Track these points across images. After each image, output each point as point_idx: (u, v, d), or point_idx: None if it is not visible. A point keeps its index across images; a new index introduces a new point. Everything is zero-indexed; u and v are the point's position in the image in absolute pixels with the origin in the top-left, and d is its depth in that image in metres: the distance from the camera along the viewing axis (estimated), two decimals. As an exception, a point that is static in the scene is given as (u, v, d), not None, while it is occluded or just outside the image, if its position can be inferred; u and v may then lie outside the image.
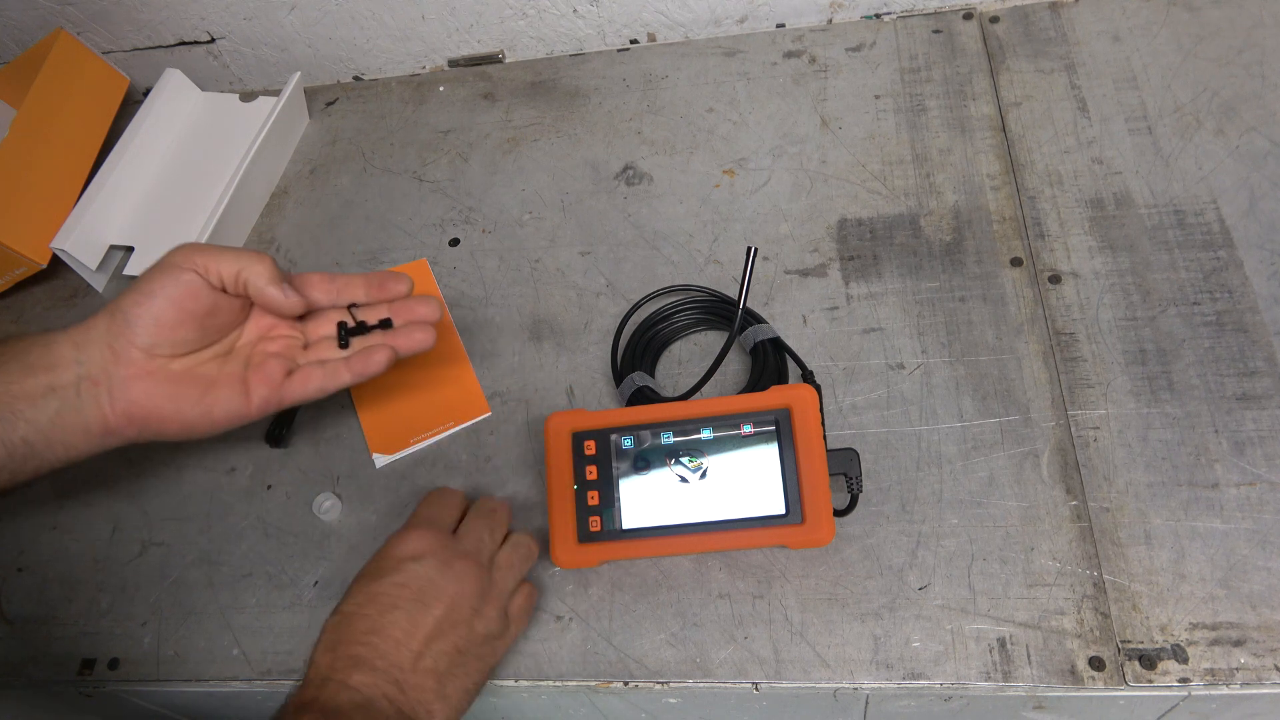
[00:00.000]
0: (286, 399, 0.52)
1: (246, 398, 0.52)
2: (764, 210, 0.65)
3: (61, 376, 0.49)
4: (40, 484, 0.61)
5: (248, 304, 0.53)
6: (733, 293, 0.60)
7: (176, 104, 0.79)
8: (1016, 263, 0.59)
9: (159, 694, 0.55)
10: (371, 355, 0.52)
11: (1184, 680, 0.45)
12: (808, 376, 0.56)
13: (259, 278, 0.50)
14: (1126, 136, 0.63)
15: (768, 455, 0.50)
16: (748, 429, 0.51)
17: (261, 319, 0.54)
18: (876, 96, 0.70)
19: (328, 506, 0.58)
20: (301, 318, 0.55)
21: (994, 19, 0.72)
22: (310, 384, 0.52)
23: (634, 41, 0.79)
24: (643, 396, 0.56)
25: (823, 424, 0.50)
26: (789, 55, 0.74)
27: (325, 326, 0.55)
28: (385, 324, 0.54)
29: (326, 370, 0.53)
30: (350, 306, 0.55)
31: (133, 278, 0.72)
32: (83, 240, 0.70)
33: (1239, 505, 0.49)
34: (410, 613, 0.46)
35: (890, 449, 0.54)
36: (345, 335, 0.54)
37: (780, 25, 0.76)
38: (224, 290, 0.51)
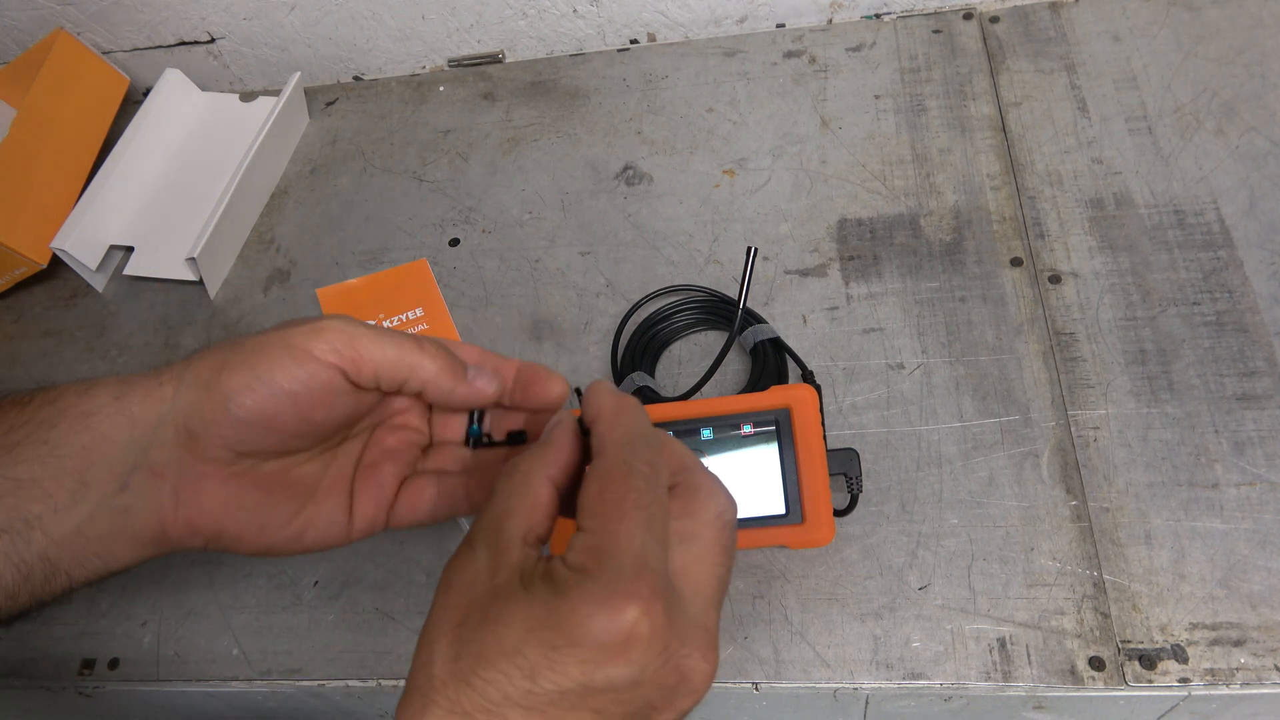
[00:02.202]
0: (392, 521, 0.39)
1: (348, 517, 0.39)
2: (764, 210, 0.65)
3: (101, 465, 0.35)
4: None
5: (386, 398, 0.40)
6: (733, 293, 0.60)
7: (176, 104, 0.79)
8: (1016, 263, 0.59)
9: (159, 694, 0.55)
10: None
11: (1184, 680, 0.45)
12: (808, 376, 0.56)
13: (439, 379, 0.37)
14: (1126, 136, 0.63)
15: (768, 455, 0.50)
16: (747, 429, 0.51)
17: (388, 401, 0.40)
18: (876, 96, 0.70)
19: None
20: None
21: (994, 19, 0.72)
22: (419, 508, 0.39)
23: (634, 41, 0.79)
24: (643, 396, 0.56)
25: (823, 424, 0.50)
26: (789, 55, 0.74)
27: (454, 425, 0.42)
28: (517, 438, 0.41)
29: (442, 490, 0.40)
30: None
31: (133, 278, 0.72)
32: (83, 240, 0.70)
33: (1239, 505, 0.49)
34: None
35: (890, 449, 0.54)
36: (478, 436, 0.41)
37: (780, 25, 0.76)
38: (371, 389, 0.37)
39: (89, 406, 0.35)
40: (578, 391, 0.37)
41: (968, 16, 0.72)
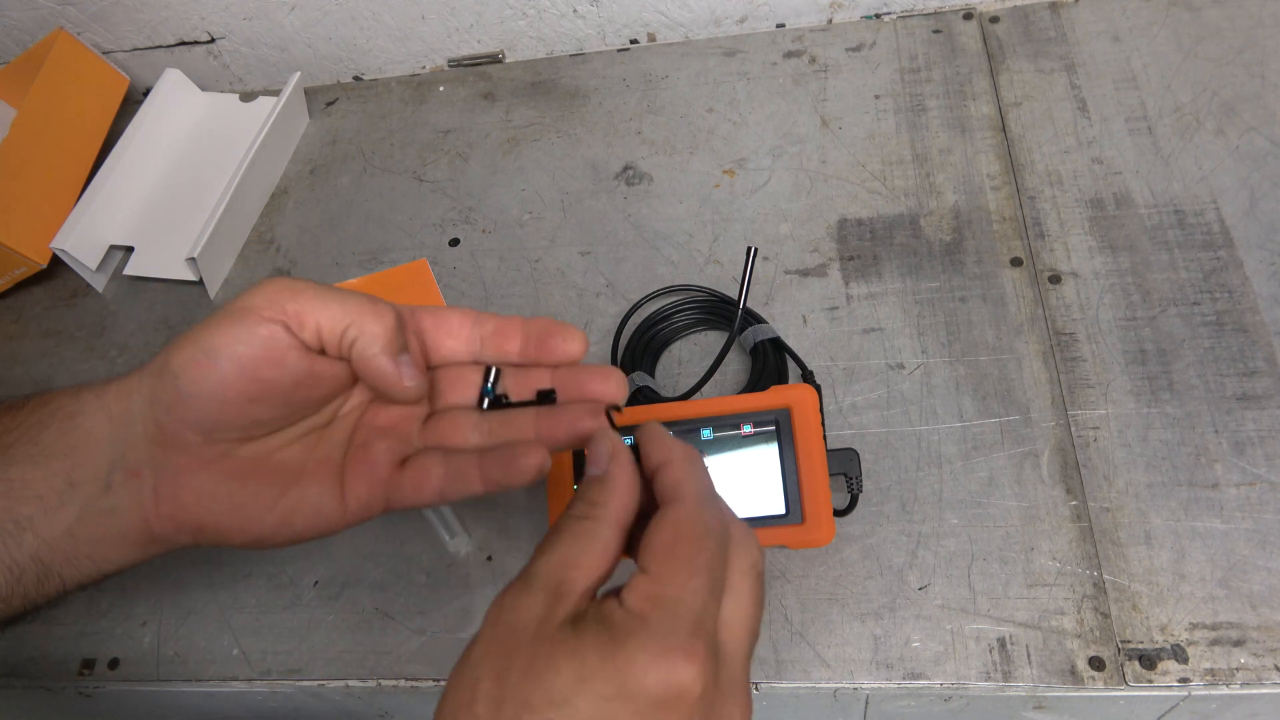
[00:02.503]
0: (393, 503, 0.38)
1: (340, 501, 0.37)
2: (764, 210, 0.65)
3: (86, 465, 0.35)
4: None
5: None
6: (733, 293, 0.60)
7: (176, 104, 0.79)
8: (1016, 263, 0.59)
9: (159, 694, 0.55)
10: (516, 459, 0.36)
11: (1184, 680, 0.45)
12: (808, 376, 0.56)
13: (370, 342, 0.34)
14: (1126, 136, 0.63)
15: (768, 455, 0.50)
16: (748, 429, 0.51)
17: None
18: (876, 96, 0.70)
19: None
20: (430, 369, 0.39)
21: (994, 19, 0.72)
22: (426, 488, 0.37)
23: (634, 41, 0.79)
24: (643, 396, 0.56)
25: (823, 424, 0.50)
26: (789, 55, 0.74)
27: (459, 389, 0.39)
28: (545, 397, 0.37)
29: (451, 470, 0.37)
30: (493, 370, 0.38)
31: (133, 278, 0.72)
32: (83, 240, 0.70)
33: (1239, 505, 0.49)
34: None
35: (890, 449, 0.54)
36: (493, 397, 0.38)
37: (780, 25, 0.76)
38: (323, 352, 0.35)
39: (76, 407, 0.35)
40: (609, 414, 0.36)
41: (968, 16, 0.72)
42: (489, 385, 0.38)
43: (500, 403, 0.38)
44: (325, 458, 0.38)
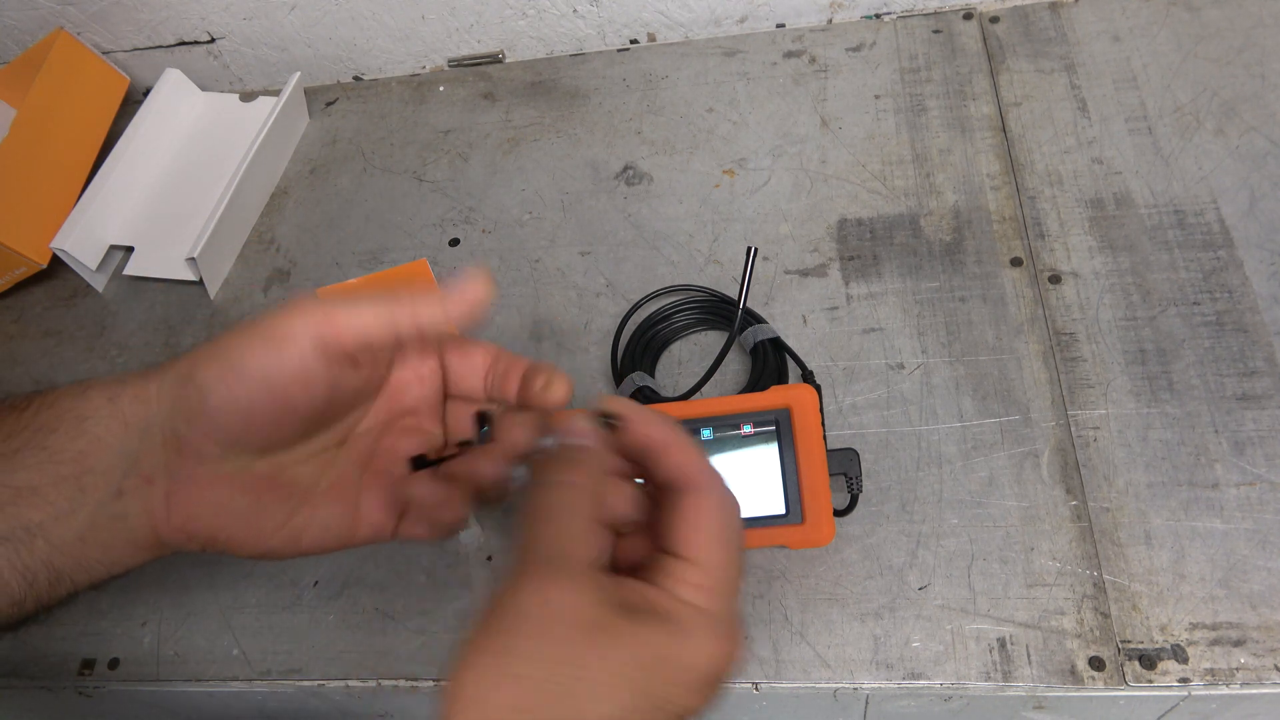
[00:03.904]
0: (402, 532, 0.38)
1: (351, 523, 0.37)
2: (764, 210, 0.65)
3: (97, 471, 0.34)
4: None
5: (376, 378, 0.38)
6: (733, 293, 0.60)
7: (176, 104, 0.79)
8: (1016, 263, 0.59)
9: (159, 694, 0.55)
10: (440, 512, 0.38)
11: (1184, 680, 0.45)
12: (808, 376, 0.56)
13: (427, 309, 0.35)
14: (1126, 136, 0.63)
15: (768, 455, 0.50)
16: (748, 429, 0.51)
17: (396, 399, 0.39)
18: (876, 96, 0.70)
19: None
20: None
21: (994, 19, 0.72)
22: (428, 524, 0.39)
23: (634, 41, 0.79)
24: (643, 396, 0.56)
25: (823, 424, 0.50)
26: (789, 55, 0.74)
27: (468, 426, 0.40)
28: (483, 419, 0.39)
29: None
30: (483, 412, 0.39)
31: (133, 278, 0.72)
32: (83, 240, 0.70)
33: (1239, 505, 0.49)
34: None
35: (890, 449, 0.54)
36: (485, 436, 0.38)
37: (780, 25, 0.76)
38: (356, 364, 0.36)
39: (85, 410, 0.35)
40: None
41: (968, 16, 0.72)
42: (484, 427, 0.38)
43: (424, 463, 0.38)
44: (339, 479, 0.38)
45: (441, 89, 0.80)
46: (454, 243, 0.69)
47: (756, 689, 0.48)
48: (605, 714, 0.29)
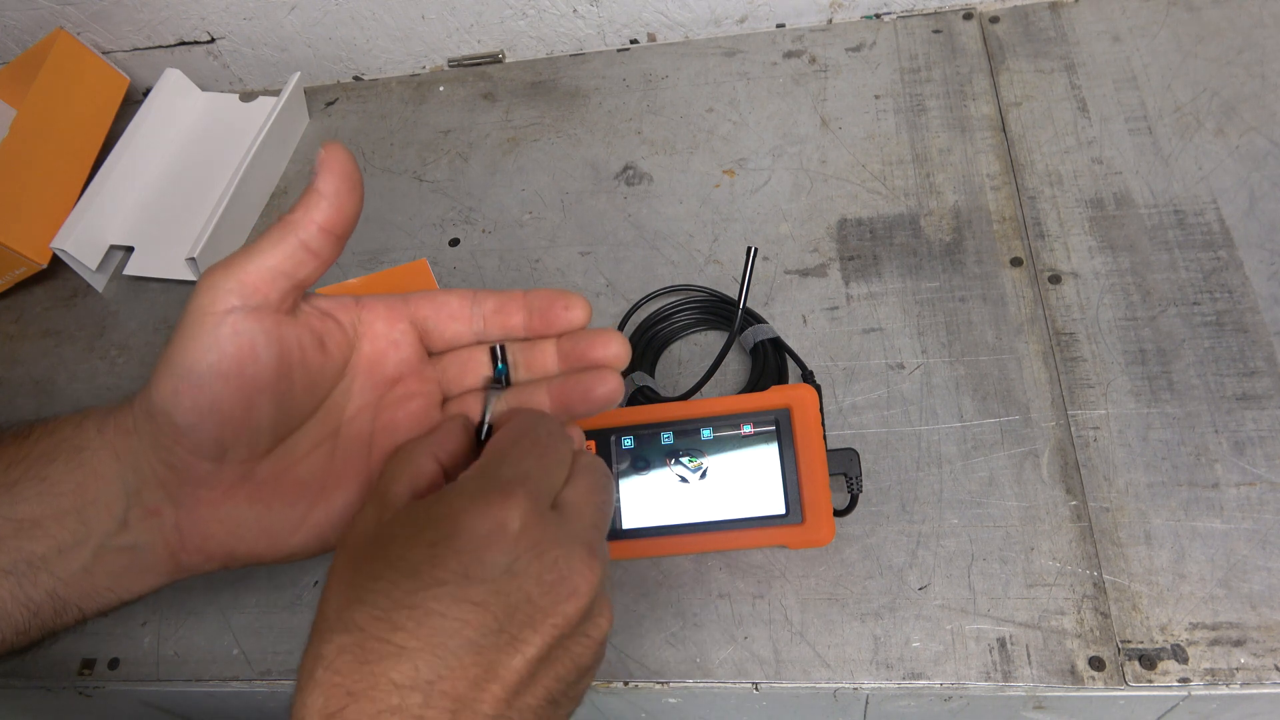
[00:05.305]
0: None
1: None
2: (764, 210, 0.65)
3: (98, 503, 0.34)
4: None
5: (337, 341, 0.36)
6: (733, 293, 0.60)
7: (176, 104, 0.79)
8: (1016, 263, 0.59)
9: (159, 694, 0.55)
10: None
11: (1184, 680, 0.45)
12: (808, 376, 0.56)
13: (302, 222, 0.33)
14: (1126, 136, 0.63)
15: (768, 455, 0.50)
16: (748, 429, 0.51)
17: (377, 371, 0.37)
18: (876, 96, 0.70)
19: None
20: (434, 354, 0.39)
21: (994, 19, 0.72)
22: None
23: (634, 41, 0.79)
24: (643, 396, 0.56)
25: (823, 424, 0.50)
26: (789, 55, 0.74)
27: (470, 371, 0.38)
28: (496, 379, 0.38)
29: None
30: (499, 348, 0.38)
31: (133, 278, 0.72)
32: (83, 240, 0.70)
33: (1239, 505, 0.49)
34: (486, 648, 0.29)
35: (890, 449, 0.54)
36: (504, 374, 0.37)
37: (780, 25, 0.76)
38: (287, 309, 0.34)
39: (81, 440, 0.34)
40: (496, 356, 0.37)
41: (968, 16, 0.72)
42: (501, 365, 0.38)
43: (485, 431, 0.38)
44: (346, 465, 0.37)
45: (441, 89, 0.80)
46: (454, 243, 0.69)
47: (756, 689, 0.48)
48: (374, 599, 0.29)
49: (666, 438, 0.51)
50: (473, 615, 0.29)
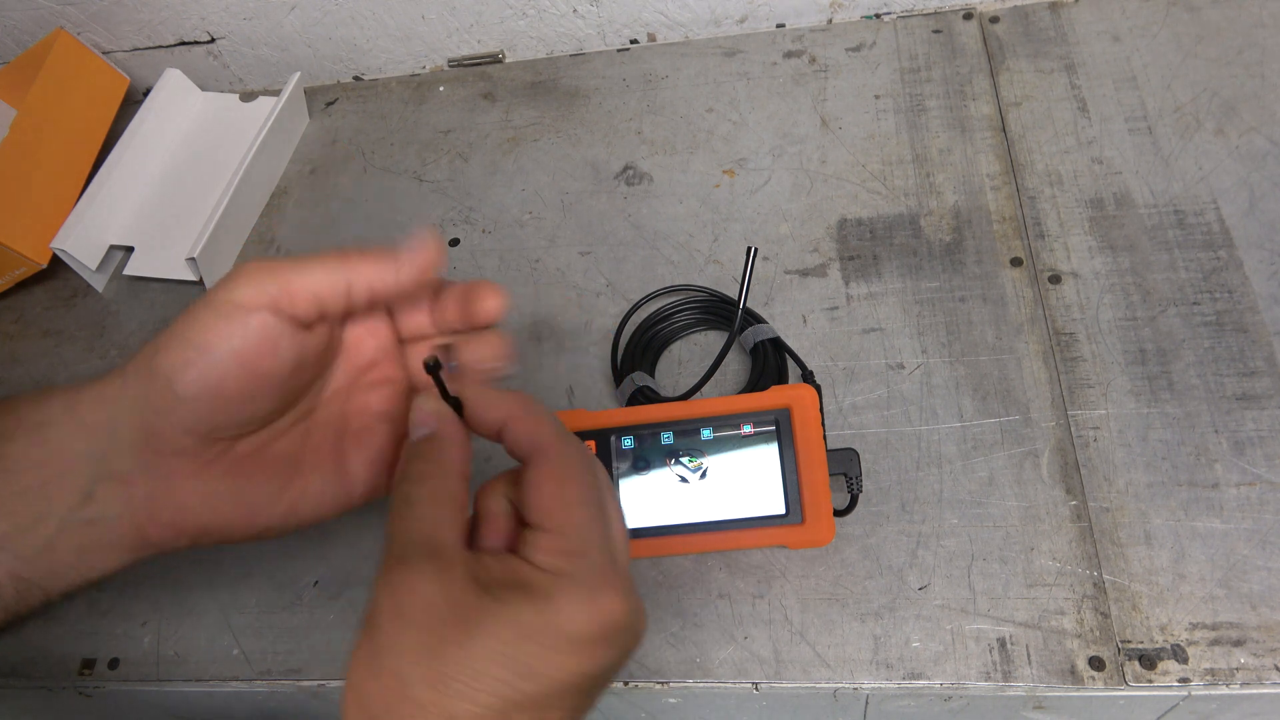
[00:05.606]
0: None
1: (344, 486, 0.37)
2: (764, 210, 0.65)
3: (62, 478, 0.33)
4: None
5: (335, 340, 0.38)
6: (733, 293, 0.60)
7: (176, 104, 0.79)
8: (1016, 263, 0.59)
9: (159, 694, 0.55)
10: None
11: (1184, 680, 0.45)
12: (808, 376, 0.56)
13: (377, 269, 0.34)
14: (1126, 136, 0.63)
15: (768, 455, 0.50)
16: (748, 429, 0.51)
17: (354, 356, 0.39)
18: (876, 96, 0.70)
19: None
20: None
21: (994, 19, 0.72)
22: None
23: (634, 41, 0.79)
24: (643, 396, 0.56)
25: (823, 424, 0.50)
26: (789, 55, 0.74)
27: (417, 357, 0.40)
28: (434, 366, 0.39)
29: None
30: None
31: (133, 278, 0.72)
32: (83, 240, 0.70)
33: (1239, 505, 0.49)
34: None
35: (890, 449, 0.54)
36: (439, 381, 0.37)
37: (780, 25, 0.76)
38: (314, 324, 0.35)
39: (42, 417, 0.34)
40: (432, 367, 0.35)
41: (968, 16, 0.72)
42: (452, 363, 0.39)
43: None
44: (319, 445, 0.38)
45: (441, 89, 0.80)
46: (454, 243, 0.69)
47: (756, 689, 0.48)
48: (478, 694, 0.28)
49: (666, 438, 0.51)
50: (579, 701, 0.31)
